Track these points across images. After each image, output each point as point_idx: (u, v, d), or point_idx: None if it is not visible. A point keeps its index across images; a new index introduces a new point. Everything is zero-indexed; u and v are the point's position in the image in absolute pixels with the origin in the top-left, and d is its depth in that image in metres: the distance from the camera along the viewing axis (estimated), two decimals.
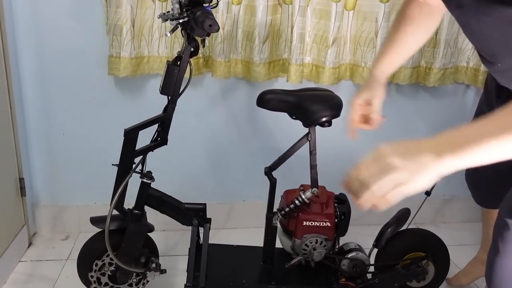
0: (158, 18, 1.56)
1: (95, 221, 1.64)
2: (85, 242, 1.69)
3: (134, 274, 1.68)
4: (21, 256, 2.03)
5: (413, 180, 0.75)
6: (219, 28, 1.39)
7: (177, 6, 1.45)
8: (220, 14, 1.91)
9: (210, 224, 1.72)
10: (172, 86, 1.50)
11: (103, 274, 1.67)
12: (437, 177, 0.75)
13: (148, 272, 1.68)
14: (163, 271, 1.69)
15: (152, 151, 1.58)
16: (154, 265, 1.67)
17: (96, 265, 1.65)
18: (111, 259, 1.64)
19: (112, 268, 1.66)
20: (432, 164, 0.74)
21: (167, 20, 1.51)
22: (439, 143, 0.76)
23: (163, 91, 1.51)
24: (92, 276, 1.66)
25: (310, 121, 1.61)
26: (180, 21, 1.44)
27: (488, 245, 1.53)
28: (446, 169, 0.75)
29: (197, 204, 1.71)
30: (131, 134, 1.52)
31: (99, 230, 1.65)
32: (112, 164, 1.57)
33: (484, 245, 1.89)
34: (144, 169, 1.60)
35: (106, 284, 1.68)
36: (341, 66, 2.09)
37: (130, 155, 1.55)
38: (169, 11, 1.52)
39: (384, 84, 1.33)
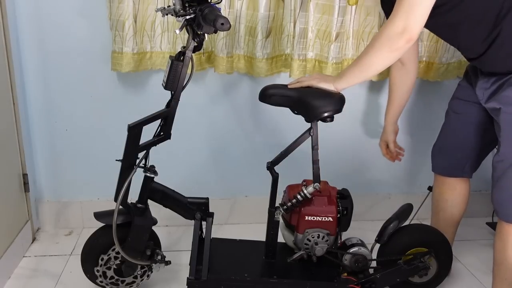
0: (156, 12, 1.56)
1: (99, 216, 1.64)
2: (89, 237, 1.70)
3: (139, 266, 1.70)
4: (25, 251, 2.04)
5: (321, 83, 1.56)
6: (230, 26, 1.39)
7: (180, 1, 1.46)
8: (222, 10, 1.91)
9: (212, 218, 1.73)
10: (176, 82, 1.51)
11: (109, 268, 1.68)
12: (334, 87, 1.56)
13: (153, 264, 1.70)
14: (168, 263, 1.71)
15: (155, 146, 1.59)
16: (159, 257, 1.69)
17: (102, 259, 1.66)
18: (116, 253, 1.66)
19: (117, 261, 1.68)
20: (331, 82, 1.56)
21: (167, 14, 1.52)
22: (335, 77, 1.59)
23: (167, 86, 1.52)
24: (98, 271, 1.67)
25: (312, 116, 1.61)
26: (187, 17, 1.44)
27: None
28: (339, 86, 1.55)
29: (200, 198, 1.72)
30: (134, 130, 1.52)
31: (102, 225, 1.66)
32: (116, 160, 1.58)
33: None
34: (147, 164, 1.61)
35: (112, 277, 1.69)
36: (344, 61, 2.09)
37: (134, 151, 1.55)
38: (169, 6, 1.52)
39: (392, 129, 1.97)
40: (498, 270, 1.60)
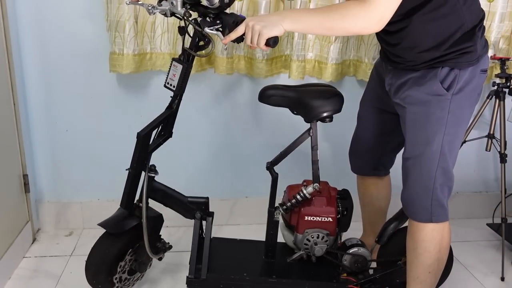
0: (128, 4, 1.56)
1: (106, 225, 1.59)
2: (94, 249, 1.62)
3: None
4: (25, 252, 2.05)
5: (266, 28, 1.29)
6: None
7: (180, 2, 1.46)
8: None
9: (212, 217, 1.73)
10: (185, 84, 1.53)
11: (124, 272, 1.67)
12: (281, 29, 1.30)
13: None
14: (169, 247, 1.74)
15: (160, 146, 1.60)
16: (166, 245, 1.73)
17: (120, 266, 1.64)
18: (131, 255, 1.65)
19: (130, 263, 1.68)
20: (277, 21, 1.30)
21: (155, 13, 1.52)
22: (283, 13, 1.39)
23: (176, 90, 1.53)
24: (116, 278, 1.64)
25: (311, 117, 1.61)
26: (191, 19, 1.44)
27: (369, 230, 1.92)
28: (286, 26, 1.30)
29: (200, 197, 1.72)
30: (146, 137, 1.52)
31: (100, 235, 1.63)
32: (126, 169, 1.57)
33: (366, 228, 1.94)
34: (148, 163, 1.61)
35: (126, 279, 1.69)
36: (344, 62, 2.09)
37: (144, 157, 1.56)
38: (160, 5, 1.52)
39: None
40: (410, 270, 1.58)
